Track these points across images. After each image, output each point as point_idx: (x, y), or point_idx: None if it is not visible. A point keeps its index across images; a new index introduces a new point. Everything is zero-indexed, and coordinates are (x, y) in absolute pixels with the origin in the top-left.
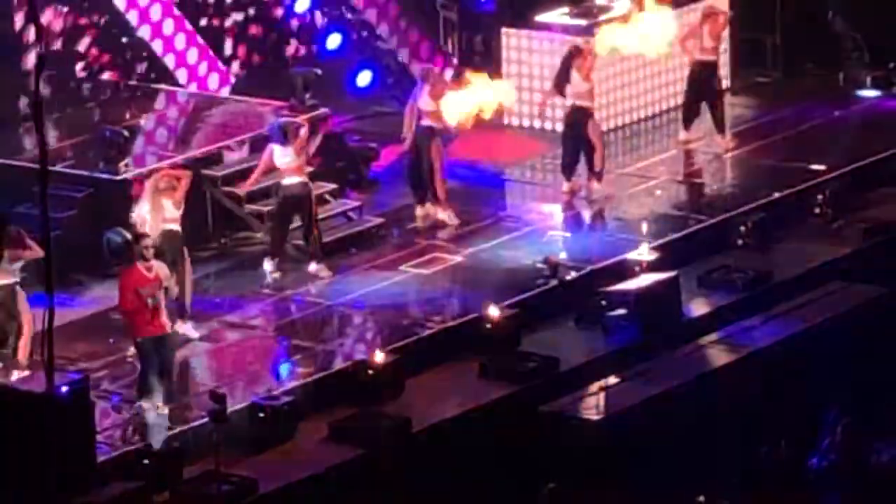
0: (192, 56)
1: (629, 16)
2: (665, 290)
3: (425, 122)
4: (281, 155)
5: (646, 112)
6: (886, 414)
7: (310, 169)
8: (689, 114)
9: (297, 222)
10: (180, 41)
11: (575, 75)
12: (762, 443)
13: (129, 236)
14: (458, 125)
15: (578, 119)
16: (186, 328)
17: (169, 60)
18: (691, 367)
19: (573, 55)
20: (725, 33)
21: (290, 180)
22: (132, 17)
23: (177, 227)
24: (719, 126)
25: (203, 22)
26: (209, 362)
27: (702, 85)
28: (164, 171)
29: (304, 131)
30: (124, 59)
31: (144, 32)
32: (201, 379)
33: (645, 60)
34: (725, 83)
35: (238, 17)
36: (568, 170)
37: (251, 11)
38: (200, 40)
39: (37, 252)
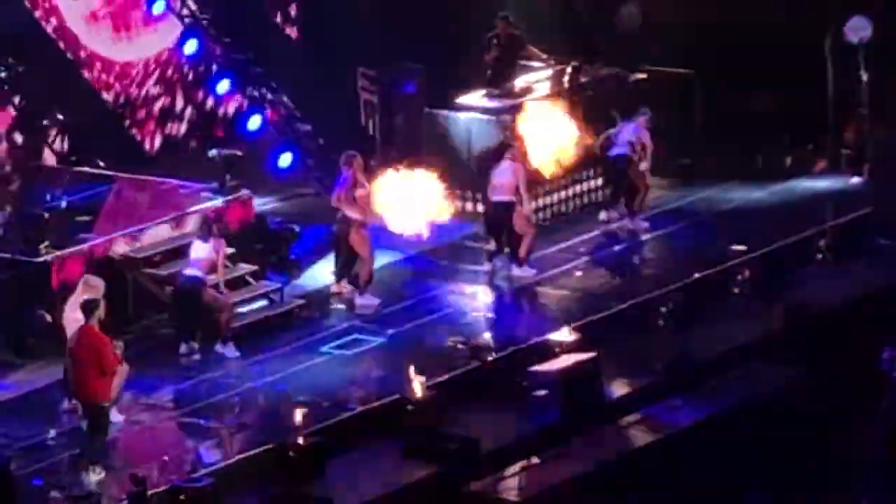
0: None
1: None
2: (586, 371)
3: (344, 210)
4: (198, 248)
5: (567, 193)
6: (806, 494)
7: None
8: (611, 199)
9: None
10: None
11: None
12: None
13: (49, 318)
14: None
15: (503, 211)
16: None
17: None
18: (612, 447)
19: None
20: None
21: (188, 271)
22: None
23: None
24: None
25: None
26: (129, 444)
27: (617, 176)
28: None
29: (222, 253)
30: (45, 141)
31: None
32: (121, 461)
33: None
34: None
35: (160, 98)
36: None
37: (172, 93)
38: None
39: None
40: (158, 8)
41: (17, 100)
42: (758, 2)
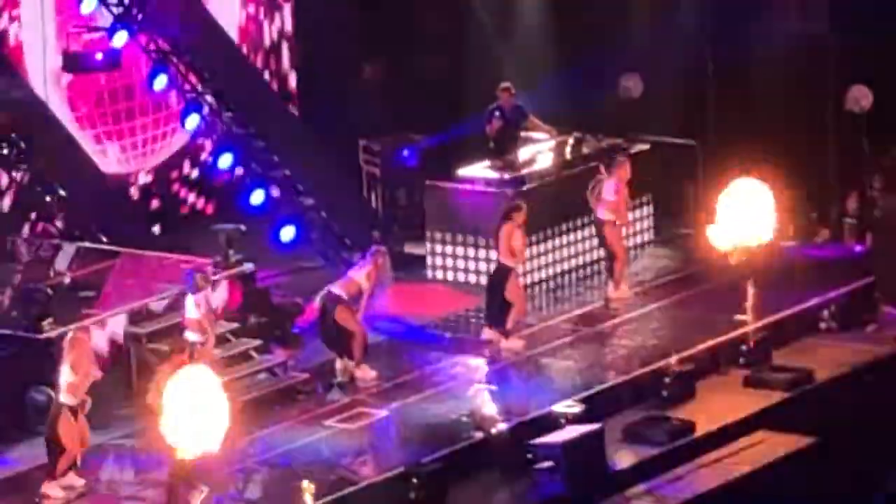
0: None
1: None
2: (591, 442)
3: (336, 290)
4: (192, 306)
5: (570, 264)
6: None
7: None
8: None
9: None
10: None
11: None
12: None
13: (52, 395)
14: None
15: (502, 276)
16: None
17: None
18: None
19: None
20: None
21: (190, 337)
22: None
23: (72, 401)
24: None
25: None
26: None
27: (606, 241)
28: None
29: (205, 306)
30: (47, 217)
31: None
32: None
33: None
34: (647, 237)
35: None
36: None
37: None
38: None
39: None
40: (160, 83)
41: (19, 175)
42: (757, 71)
